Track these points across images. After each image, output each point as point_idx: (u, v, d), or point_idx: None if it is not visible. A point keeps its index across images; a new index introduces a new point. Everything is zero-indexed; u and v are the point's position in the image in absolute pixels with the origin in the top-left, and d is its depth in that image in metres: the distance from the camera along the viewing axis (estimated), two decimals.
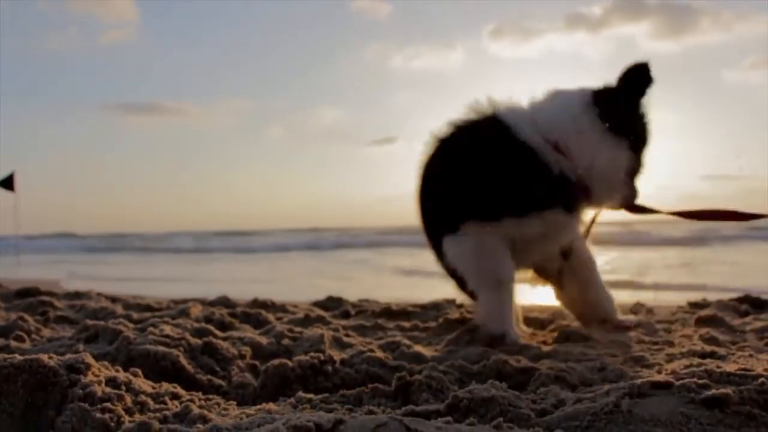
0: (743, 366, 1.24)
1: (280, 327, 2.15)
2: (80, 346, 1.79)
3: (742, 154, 2.21)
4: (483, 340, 1.93)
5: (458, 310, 2.62)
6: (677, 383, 1.13)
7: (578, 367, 1.51)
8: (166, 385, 1.41)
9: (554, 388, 1.33)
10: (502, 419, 1.09)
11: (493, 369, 1.52)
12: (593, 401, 1.15)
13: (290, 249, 15.56)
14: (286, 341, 1.94)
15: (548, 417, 1.14)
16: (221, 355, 1.74)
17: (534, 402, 1.24)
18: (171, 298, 3.45)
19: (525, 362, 1.57)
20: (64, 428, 1.14)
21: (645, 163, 1.98)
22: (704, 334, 2.02)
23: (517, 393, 1.22)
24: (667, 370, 1.41)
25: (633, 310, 2.81)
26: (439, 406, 1.20)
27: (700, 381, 1.13)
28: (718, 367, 1.23)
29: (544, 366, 1.52)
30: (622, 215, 2.09)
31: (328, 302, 3.12)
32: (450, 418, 1.11)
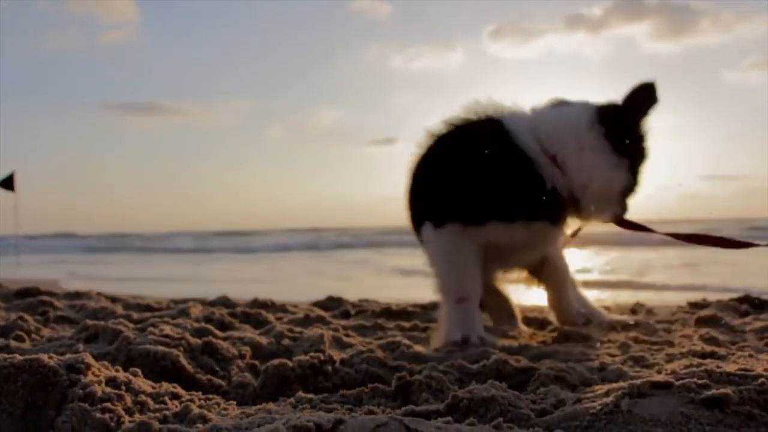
0: (743, 366, 1.24)
1: (280, 327, 2.15)
2: (80, 346, 1.79)
3: (681, 181, 2.21)
4: (446, 345, 1.92)
5: None
6: (677, 383, 1.13)
7: (578, 367, 1.51)
8: (166, 385, 1.41)
9: (554, 388, 1.33)
10: (502, 419, 1.09)
11: (493, 369, 1.52)
12: (593, 401, 1.15)
13: (290, 249, 15.56)
14: (286, 341, 1.94)
15: (548, 417, 1.14)
16: (221, 355, 1.74)
17: (534, 402, 1.24)
18: (171, 298, 3.45)
19: (525, 362, 1.57)
20: (64, 428, 1.14)
21: (640, 183, 1.98)
22: (704, 334, 2.02)
23: (517, 393, 1.22)
24: (667, 370, 1.41)
25: (633, 310, 2.81)
26: (439, 406, 1.20)
27: (700, 381, 1.13)
28: (718, 367, 1.23)
29: (544, 366, 1.52)
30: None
31: (328, 302, 3.12)
32: (450, 418, 1.11)
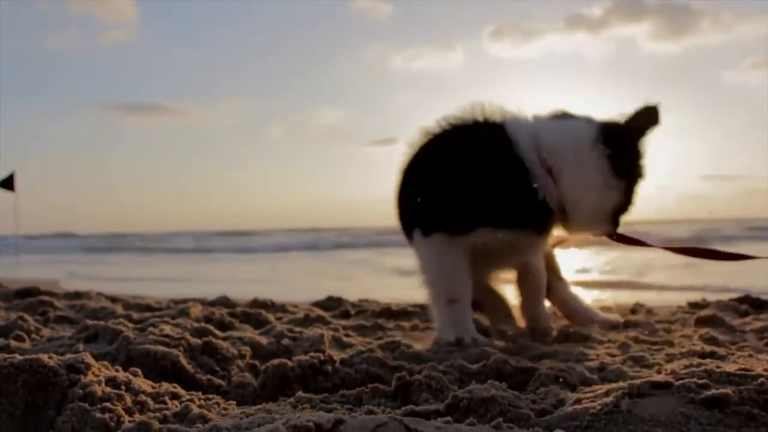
0: (743, 366, 1.24)
1: (280, 327, 2.15)
2: (80, 346, 1.79)
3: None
4: (439, 346, 1.93)
5: None
6: (677, 383, 1.13)
7: (578, 367, 1.51)
8: (165, 384, 1.41)
9: (554, 388, 1.33)
10: (501, 419, 1.09)
11: (493, 369, 1.52)
12: (593, 401, 1.15)
13: (290, 249, 15.55)
14: (286, 341, 1.94)
15: (548, 417, 1.14)
16: (221, 354, 1.74)
17: (534, 402, 1.24)
18: (171, 298, 3.45)
19: (525, 362, 1.57)
20: (64, 428, 1.14)
21: (634, 203, 1.98)
22: (704, 334, 2.02)
23: (516, 393, 1.22)
24: (666, 370, 1.41)
25: (633, 310, 2.81)
26: (438, 406, 1.20)
27: (700, 381, 1.13)
28: (718, 367, 1.23)
29: (544, 366, 1.52)
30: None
31: (328, 302, 3.12)
32: (450, 418, 1.11)
